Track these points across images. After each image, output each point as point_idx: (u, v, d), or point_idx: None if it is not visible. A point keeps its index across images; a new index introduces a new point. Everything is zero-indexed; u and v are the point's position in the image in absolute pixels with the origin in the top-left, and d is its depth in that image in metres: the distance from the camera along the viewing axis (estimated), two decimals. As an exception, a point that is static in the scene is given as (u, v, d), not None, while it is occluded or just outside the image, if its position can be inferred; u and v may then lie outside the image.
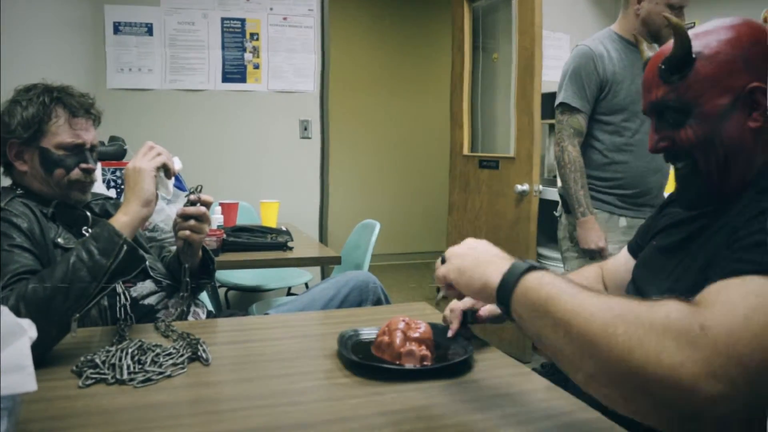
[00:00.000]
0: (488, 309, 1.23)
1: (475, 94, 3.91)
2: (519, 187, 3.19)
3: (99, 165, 1.62)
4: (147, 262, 1.38)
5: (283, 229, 2.66)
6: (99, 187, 2.40)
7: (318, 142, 3.79)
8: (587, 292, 0.73)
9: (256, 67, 3.64)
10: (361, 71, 5.84)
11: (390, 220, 5.51)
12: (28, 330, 0.74)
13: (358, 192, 5.92)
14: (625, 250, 1.32)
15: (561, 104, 2.34)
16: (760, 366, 0.61)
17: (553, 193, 3.41)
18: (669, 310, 0.66)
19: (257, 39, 3.63)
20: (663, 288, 0.83)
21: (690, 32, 0.99)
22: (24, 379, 0.71)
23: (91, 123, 1.50)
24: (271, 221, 2.79)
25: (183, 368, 1.09)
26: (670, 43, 0.99)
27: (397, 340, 1.11)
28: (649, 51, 1.16)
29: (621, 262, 1.31)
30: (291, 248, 2.43)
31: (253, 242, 2.42)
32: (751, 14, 3.08)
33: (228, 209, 2.69)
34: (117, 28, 3.42)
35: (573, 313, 0.71)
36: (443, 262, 0.98)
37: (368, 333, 1.24)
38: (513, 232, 3.26)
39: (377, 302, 1.71)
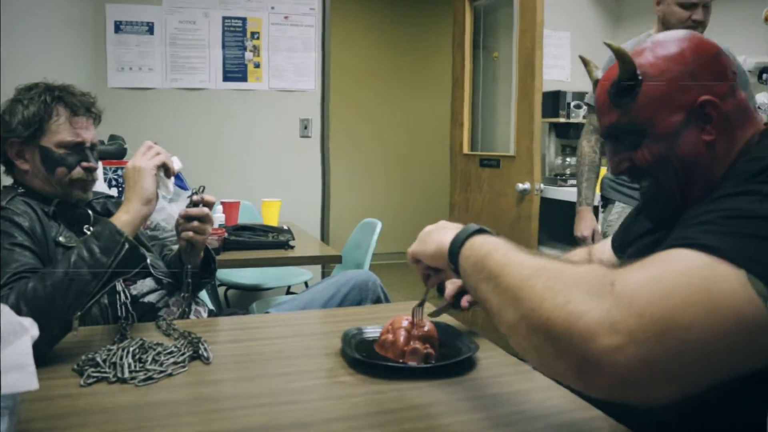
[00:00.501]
0: (467, 298, 1.30)
1: (475, 92, 3.91)
2: (520, 186, 3.19)
3: (100, 164, 1.62)
4: (148, 260, 1.39)
5: (285, 227, 2.66)
6: (100, 186, 2.40)
7: (318, 140, 3.79)
8: (523, 251, 0.78)
9: (257, 65, 3.64)
10: (362, 70, 5.84)
11: (391, 219, 5.50)
12: (30, 329, 0.75)
13: (359, 191, 5.92)
14: (609, 241, 1.31)
15: (585, 103, 2.65)
16: (661, 323, 0.61)
17: (554, 192, 3.41)
18: (590, 268, 0.69)
19: (258, 38, 3.63)
20: None
21: (634, 51, 0.98)
22: (25, 378, 0.71)
23: (91, 122, 1.50)
24: (272, 220, 2.79)
25: (184, 367, 1.09)
26: (615, 66, 0.98)
27: (401, 339, 1.11)
28: (596, 71, 1.15)
29: (606, 251, 1.31)
30: (292, 247, 2.43)
31: (255, 241, 2.42)
32: (753, 14, 3.08)
33: (229, 208, 2.69)
34: (118, 27, 3.42)
35: (503, 265, 0.76)
36: None
37: (372, 331, 1.24)
38: (515, 231, 3.26)
39: (377, 301, 1.71)
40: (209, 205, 1.44)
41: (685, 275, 0.64)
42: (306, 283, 3.29)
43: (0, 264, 1.20)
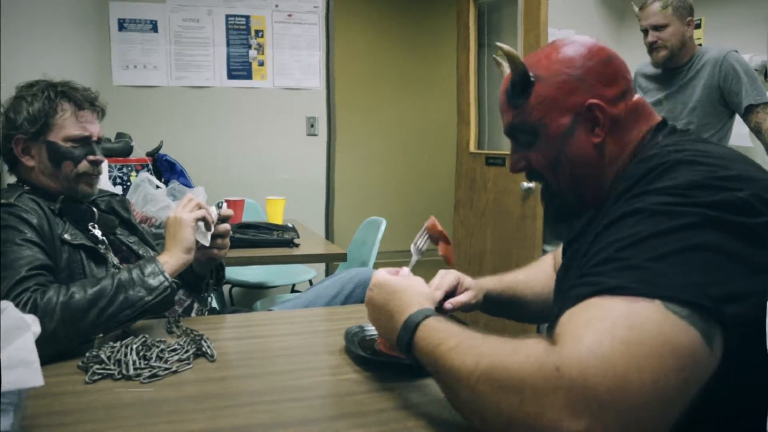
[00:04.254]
0: (457, 300, 1.26)
1: (481, 91, 3.90)
2: (525, 185, 3.18)
3: (105, 160, 1.63)
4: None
5: (289, 225, 2.65)
6: (105, 184, 2.41)
7: (324, 138, 3.79)
8: (460, 348, 0.78)
9: (261, 64, 3.64)
10: (367, 68, 5.83)
11: (395, 217, 5.49)
12: (32, 325, 0.75)
13: (364, 189, 5.91)
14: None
15: None
16: (617, 394, 0.61)
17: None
18: (528, 355, 0.68)
19: (262, 36, 3.63)
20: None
21: (532, 54, 1.02)
22: (30, 374, 0.72)
23: (96, 116, 1.52)
24: (277, 218, 2.79)
25: (188, 364, 1.09)
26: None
27: None
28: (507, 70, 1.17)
29: None
30: (297, 245, 2.43)
31: (260, 239, 2.42)
32: (758, 13, 3.06)
33: (234, 206, 2.68)
34: (122, 25, 3.42)
35: (449, 374, 0.78)
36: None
37: (373, 329, 1.23)
38: (519, 230, 3.25)
39: (381, 299, 1.70)
40: (227, 219, 1.46)
41: (615, 332, 0.64)
42: (311, 281, 3.29)
43: (11, 259, 1.22)
